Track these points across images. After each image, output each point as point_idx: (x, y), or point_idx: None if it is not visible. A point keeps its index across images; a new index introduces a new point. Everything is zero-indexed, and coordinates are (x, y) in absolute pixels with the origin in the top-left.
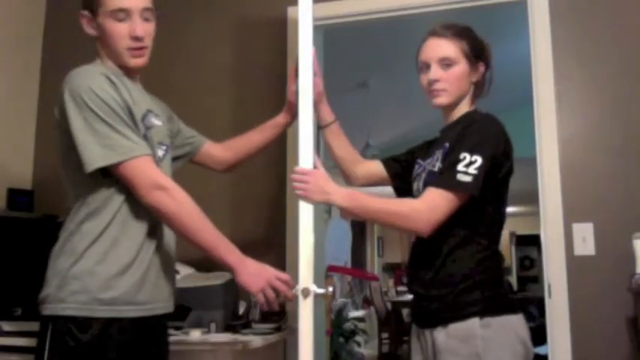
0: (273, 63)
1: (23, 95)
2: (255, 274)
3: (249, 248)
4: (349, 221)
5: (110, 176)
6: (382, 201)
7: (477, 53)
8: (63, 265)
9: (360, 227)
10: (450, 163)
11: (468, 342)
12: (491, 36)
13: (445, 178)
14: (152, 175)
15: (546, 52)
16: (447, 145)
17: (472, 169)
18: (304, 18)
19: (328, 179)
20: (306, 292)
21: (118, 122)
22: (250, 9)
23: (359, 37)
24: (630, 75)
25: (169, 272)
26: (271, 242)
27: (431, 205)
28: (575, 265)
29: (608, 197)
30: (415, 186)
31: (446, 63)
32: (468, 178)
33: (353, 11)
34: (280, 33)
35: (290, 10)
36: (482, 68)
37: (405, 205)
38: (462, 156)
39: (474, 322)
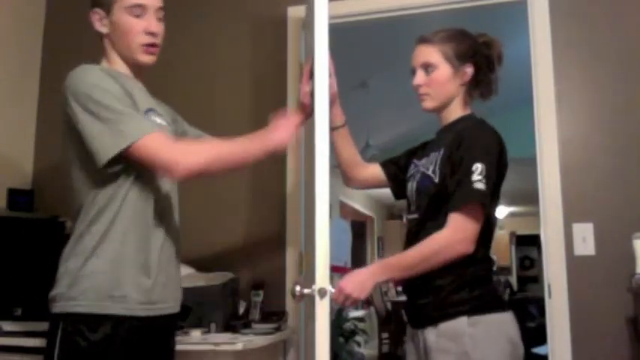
0: (274, 62)
1: (23, 95)
2: (284, 129)
3: (249, 247)
4: (349, 221)
5: (122, 164)
6: (414, 252)
7: (463, 56)
8: (74, 265)
9: (360, 227)
10: (462, 176)
11: (456, 340)
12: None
13: (462, 195)
14: (169, 149)
15: (546, 52)
16: (443, 150)
17: (484, 178)
18: (320, 18)
19: (356, 273)
20: (322, 292)
21: (123, 104)
22: (250, 9)
23: (359, 37)
24: (630, 75)
25: (176, 273)
26: (271, 241)
27: (457, 228)
28: (575, 265)
29: (608, 197)
30: (409, 186)
31: (427, 68)
32: (481, 186)
33: (353, 11)
34: (280, 33)
35: (290, 10)
36: (469, 70)
37: (435, 241)
38: (474, 167)
39: (462, 321)
